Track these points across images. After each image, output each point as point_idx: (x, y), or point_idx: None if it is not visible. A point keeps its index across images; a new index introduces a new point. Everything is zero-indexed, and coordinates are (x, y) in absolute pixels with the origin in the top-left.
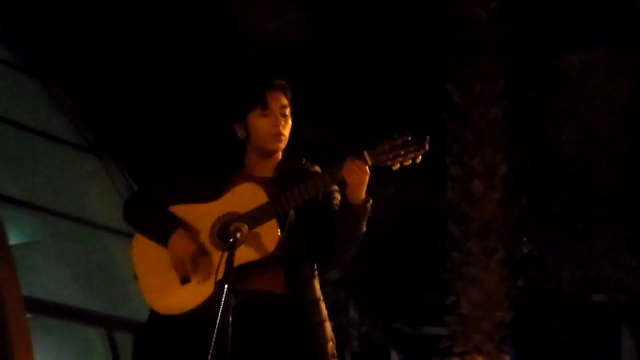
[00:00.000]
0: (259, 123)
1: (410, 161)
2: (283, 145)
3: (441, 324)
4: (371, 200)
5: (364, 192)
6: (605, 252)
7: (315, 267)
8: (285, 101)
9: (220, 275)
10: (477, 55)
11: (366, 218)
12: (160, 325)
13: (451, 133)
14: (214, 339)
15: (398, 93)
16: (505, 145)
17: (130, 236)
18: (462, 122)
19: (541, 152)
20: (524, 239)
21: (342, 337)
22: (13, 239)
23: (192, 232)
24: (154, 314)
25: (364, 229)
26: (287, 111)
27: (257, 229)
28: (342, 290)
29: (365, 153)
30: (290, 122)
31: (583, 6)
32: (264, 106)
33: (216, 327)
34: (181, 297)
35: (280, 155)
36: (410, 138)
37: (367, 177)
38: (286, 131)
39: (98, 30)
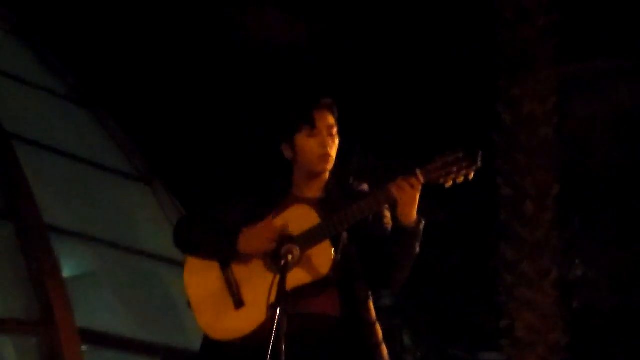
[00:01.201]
0: (306, 144)
1: (463, 178)
2: (330, 166)
3: (496, 348)
4: (424, 222)
5: (415, 212)
6: None
7: (369, 288)
8: (332, 120)
9: (272, 299)
10: (526, 74)
11: (419, 240)
12: (214, 351)
13: (501, 153)
14: None
15: (448, 115)
16: (557, 165)
17: (183, 265)
18: (512, 142)
19: (593, 171)
20: (577, 261)
21: None
22: (67, 271)
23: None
24: (208, 340)
25: (418, 250)
26: (334, 131)
27: (311, 252)
28: (396, 316)
29: (418, 171)
30: (337, 141)
31: (632, 22)
32: (312, 126)
33: (269, 352)
34: (236, 322)
35: (327, 175)
36: (462, 155)
37: (418, 196)
38: (333, 151)
39: (147, 59)
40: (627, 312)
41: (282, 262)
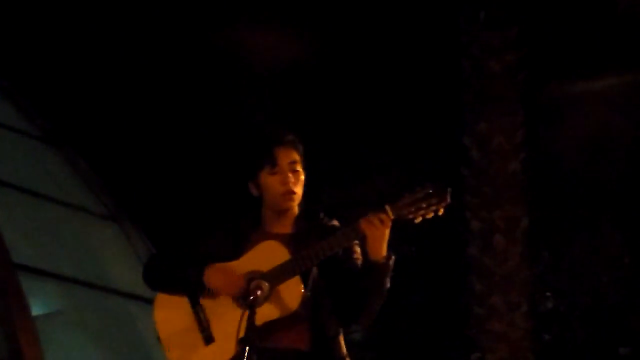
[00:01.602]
0: (268, 181)
1: (433, 214)
2: (295, 202)
3: None
4: (393, 257)
5: (385, 248)
6: (632, 306)
7: (340, 323)
8: (295, 156)
9: (242, 334)
10: (493, 109)
11: (389, 274)
12: None
13: (470, 188)
14: None
15: (416, 149)
16: (525, 198)
17: (152, 302)
18: (480, 176)
19: (562, 205)
20: (548, 294)
21: None
22: (36, 310)
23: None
24: None
25: (388, 285)
26: (298, 166)
27: (280, 287)
28: (367, 351)
29: (388, 207)
30: (302, 177)
31: (599, 53)
32: (273, 164)
33: None
34: (206, 358)
35: (296, 210)
36: (431, 191)
37: (388, 232)
38: (298, 188)
39: (116, 99)
40: (596, 344)
41: (251, 297)
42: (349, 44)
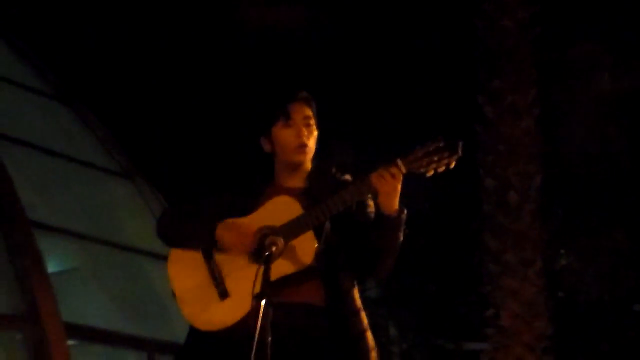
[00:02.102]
0: (282, 135)
1: (444, 167)
2: (309, 156)
3: (482, 338)
4: (406, 211)
5: (397, 202)
6: None
7: (354, 277)
8: (309, 112)
9: (257, 290)
10: (506, 66)
11: (402, 229)
12: (200, 342)
13: (483, 145)
14: (253, 353)
15: (429, 106)
16: (539, 155)
17: (167, 258)
18: (494, 133)
19: (575, 161)
20: (562, 251)
21: (382, 355)
22: (51, 267)
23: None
24: (193, 331)
25: (401, 239)
26: (312, 122)
27: (294, 242)
28: (382, 308)
29: (399, 161)
30: (315, 133)
31: (613, 12)
32: (287, 117)
33: (255, 341)
34: (221, 313)
35: (309, 165)
36: (442, 144)
37: (399, 186)
38: (311, 142)
39: (128, 56)
40: (610, 300)
41: (266, 253)
42: (363, 3)
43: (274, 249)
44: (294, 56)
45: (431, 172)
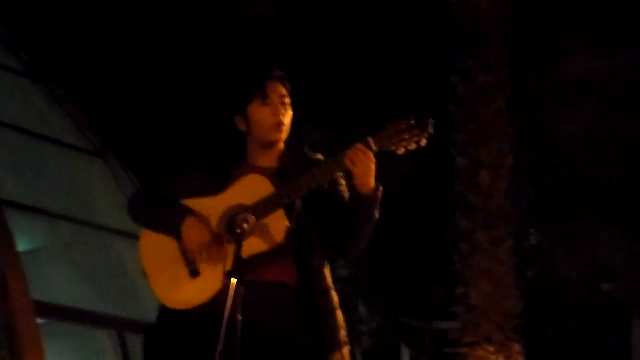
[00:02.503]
0: (259, 113)
1: (416, 145)
2: (285, 135)
3: (451, 317)
4: (382, 188)
5: (373, 180)
6: (614, 241)
7: (326, 255)
8: (284, 91)
9: (228, 267)
10: (480, 46)
11: (378, 206)
12: (170, 320)
13: (456, 124)
14: (223, 331)
15: (402, 86)
16: (511, 135)
17: (138, 238)
18: (466, 113)
19: (546, 141)
20: (532, 230)
21: (352, 333)
22: (21, 246)
23: (202, 219)
24: (164, 309)
25: (377, 216)
26: (287, 100)
27: (265, 220)
28: (351, 287)
29: (370, 139)
30: (290, 112)
31: None
32: (264, 96)
33: (226, 319)
34: (192, 291)
35: (282, 145)
36: (413, 122)
37: (373, 165)
38: (287, 120)
39: (99, 33)
40: (579, 280)
41: (238, 230)
42: None
43: (245, 226)
44: (264, 31)
45: (402, 150)
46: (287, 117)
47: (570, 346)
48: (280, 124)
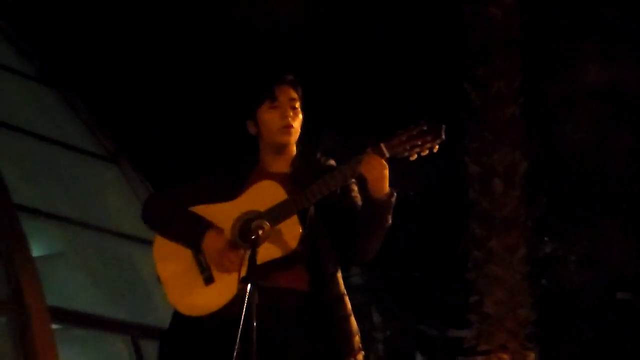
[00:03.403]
0: (267, 116)
1: (428, 151)
2: (293, 138)
3: (465, 325)
4: (395, 194)
5: (387, 186)
6: (629, 249)
7: (338, 261)
8: (294, 95)
9: (243, 274)
10: (493, 53)
11: (391, 211)
12: (184, 327)
13: (469, 132)
14: (238, 337)
15: (416, 94)
16: (524, 143)
17: (152, 243)
18: (480, 120)
19: (560, 150)
20: (546, 239)
21: (366, 341)
22: (36, 251)
23: (219, 232)
24: (178, 316)
25: (390, 221)
26: (297, 104)
27: (278, 227)
28: (366, 294)
29: (382, 145)
30: (300, 116)
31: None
32: (273, 99)
33: (240, 325)
34: (206, 298)
35: (294, 150)
36: (425, 128)
37: (387, 171)
38: (296, 124)
39: (114, 39)
40: (594, 288)
41: (253, 236)
42: None
43: (260, 232)
44: (277, 39)
45: (414, 156)
46: (296, 120)
47: (584, 354)
48: (288, 126)
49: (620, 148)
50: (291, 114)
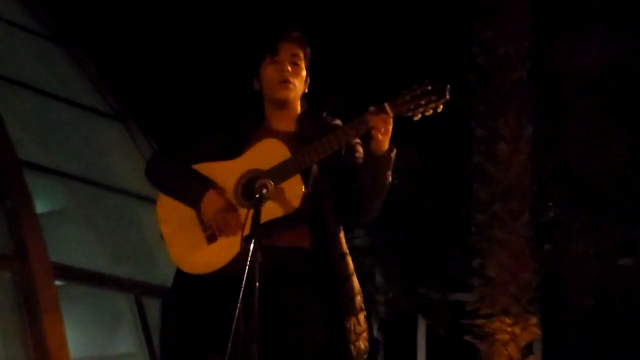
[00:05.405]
0: (267, 70)
1: (432, 111)
2: (292, 93)
3: (468, 289)
4: (395, 150)
5: (387, 143)
6: (632, 216)
7: (341, 221)
8: (297, 51)
9: (246, 232)
10: (500, 16)
11: (391, 167)
12: (187, 285)
13: (476, 95)
14: (241, 295)
15: (422, 56)
16: (530, 107)
17: (155, 201)
18: (486, 84)
19: (566, 114)
20: (550, 204)
21: (368, 303)
22: (40, 207)
23: (220, 192)
24: (180, 274)
25: (390, 179)
26: (300, 61)
27: (281, 185)
28: (369, 256)
29: (387, 105)
30: (303, 73)
31: None
32: (274, 54)
33: (243, 283)
34: (209, 256)
35: (298, 108)
36: (430, 87)
37: (390, 128)
38: (297, 81)
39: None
40: (596, 254)
41: (257, 195)
42: None
43: (264, 191)
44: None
45: (419, 116)
46: (297, 77)
47: (586, 319)
48: (285, 81)
49: (627, 114)
50: (290, 69)
